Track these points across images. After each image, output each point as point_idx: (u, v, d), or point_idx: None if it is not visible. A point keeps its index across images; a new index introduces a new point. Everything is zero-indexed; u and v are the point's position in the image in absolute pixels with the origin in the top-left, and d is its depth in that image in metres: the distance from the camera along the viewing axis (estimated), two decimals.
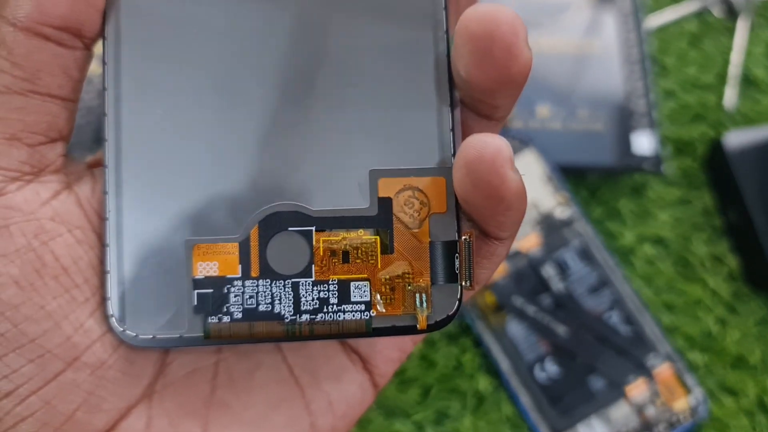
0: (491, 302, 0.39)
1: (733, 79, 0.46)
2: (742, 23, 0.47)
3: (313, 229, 0.19)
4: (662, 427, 0.37)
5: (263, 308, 0.18)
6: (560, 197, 0.40)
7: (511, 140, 0.41)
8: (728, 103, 0.45)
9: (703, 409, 0.38)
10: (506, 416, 0.38)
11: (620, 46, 0.44)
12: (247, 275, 0.19)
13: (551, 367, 0.38)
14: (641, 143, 0.42)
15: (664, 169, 0.42)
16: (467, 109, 0.19)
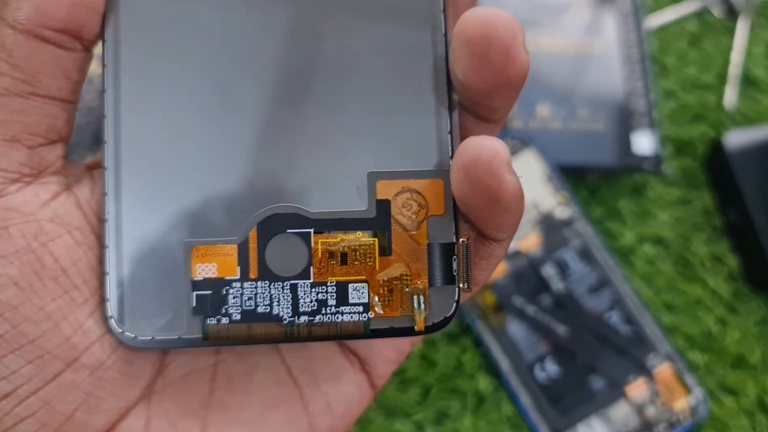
0: (491, 302, 0.39)
1: (733, 79, 0.46)
2: (742, 23, 0.47)
3: (311, 231, 0.19)
4: (662, 427, 0.37)
5: (262, 310, 0.19)
6: (560, 197, 0.40)
7: (511, 140, 0.41)
8: (728, 103, 0.45)
9: (703, 409, 0.38)
10: (506, 416, 0.38)
11: (620, 46, 0.44)
12: (245, 277, 0.19)
13: (551, 367, 0.38)
14: (641, 143, 0.42)
15: (664, 169, 0.42)
16: (465, 111, 0.19)
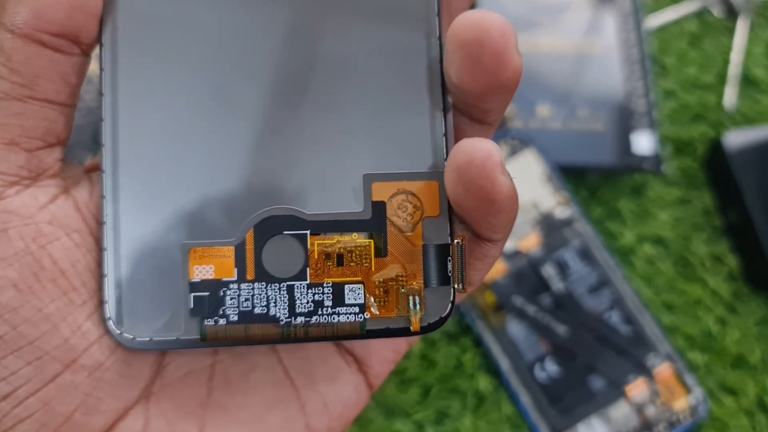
0: (491, 302, 0.39)
1: (733, 79, 0.46)
2: (742, 23, 0.47)
3: (308, 232, 0.19)
4: (662, 426, 0.37)
5: (259, 311, 0.19)
6: (560, 197, 0.40)
7: (511, 140, 0.41)
8: (728, 103, 0.45)
9: (703, 408, 0.38)
10: (506, 416, 0.38)
11: (620, 46, 0.44)
12: (242, 278, 0.19)
13: (551, 366, 0.38)
14: (641, 143, 0.42)
15: (664, 168, 0.42)
16: (460, 113, 0.19)
